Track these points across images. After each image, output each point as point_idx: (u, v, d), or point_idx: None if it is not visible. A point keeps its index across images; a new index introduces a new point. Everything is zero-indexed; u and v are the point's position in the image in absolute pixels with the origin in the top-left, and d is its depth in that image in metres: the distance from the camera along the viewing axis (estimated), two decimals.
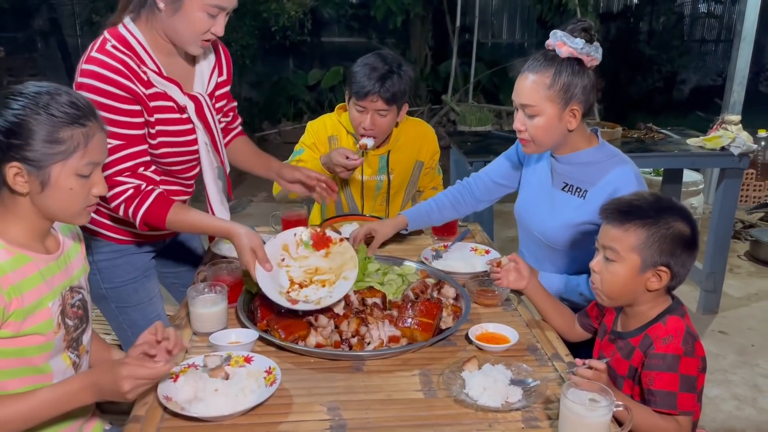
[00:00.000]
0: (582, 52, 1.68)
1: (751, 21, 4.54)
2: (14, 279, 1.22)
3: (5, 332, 1.22)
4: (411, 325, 1.55)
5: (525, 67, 1.75)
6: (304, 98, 8.74)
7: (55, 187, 1.24)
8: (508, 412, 1.30)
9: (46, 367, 1.31)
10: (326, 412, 1.31)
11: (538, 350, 1.56)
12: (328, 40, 9.83)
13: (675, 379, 1.33)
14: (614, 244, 1.40)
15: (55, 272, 1.33)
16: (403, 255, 2.04)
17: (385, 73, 2.18)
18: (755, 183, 5.41)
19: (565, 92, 1.70)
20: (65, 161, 1.23)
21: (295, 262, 1.62)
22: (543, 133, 1.74)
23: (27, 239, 1.29)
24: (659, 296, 1.44)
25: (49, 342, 1.29)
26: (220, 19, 1.66)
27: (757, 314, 3.67)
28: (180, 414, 1.26)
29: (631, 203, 1.43)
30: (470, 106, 7.24)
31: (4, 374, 1.25)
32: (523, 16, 10.25)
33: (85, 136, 1.25)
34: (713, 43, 10.79)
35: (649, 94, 9.66)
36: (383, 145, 2.42)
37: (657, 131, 3.78)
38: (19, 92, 1.23)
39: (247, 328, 1.56)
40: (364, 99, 2.20)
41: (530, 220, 1.94)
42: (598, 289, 1.46)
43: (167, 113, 1.73)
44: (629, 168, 1.76)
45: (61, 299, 1.33)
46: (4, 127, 1.20)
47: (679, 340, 1.36)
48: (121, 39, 1.66)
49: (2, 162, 1.21)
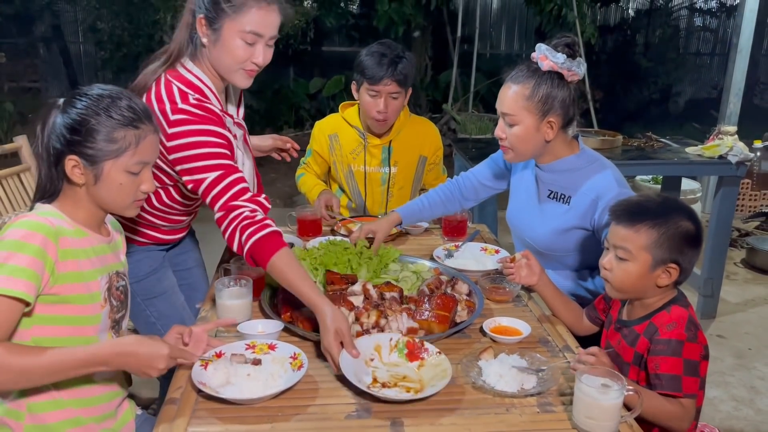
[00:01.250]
0: (563, 66, 1.77)
1: (747, 34, 4.66)
2: (71, 244, 1.34)
3: (53, 297, 1.30)
4: (428, 318, 1.62)
5: (509, 77, 1.85)
6: (305, 106, 8.84)
7: (107, 181, 1.36)
8: (524, 398, 1.38)
9: (95, 340, 1.39)
10: (352, 396, 1.38)
11: (549, 342, 1.64)
12: (328, 49, 9.94)
13: (679, 363, 1.41)
14: (626, 243, 1.48)
15: (107, 252, 1.45)
16: (416, 254, 2.11)
17: (394, 58, 2.34)
18: (751, 193, 5.51)
19: (544, 104, 1.79)
20: (117, 159, 1.35)
21: (384, 365, 1.48)
22: (521, 141, 1.84)
23: (86, 221, 1.42)
24: (667, 289, 1.52)
25: (98, 314, 1.39)
26: (259, 47, 1.69)
27: (753, 319, 3.75)
28: (214, 397, 1.33)
29: (640, 204, 1.51)
30: (470, 115, 7.34)
31: (57, 341, 1.33)
32: (521, 27, 10.40)
33: (137, 137, 1.36)
34: (708, 56, 10.95)
35: (645, 106, 9.79)
36: (384, 136, 2.55)
37: (656, 140, 3.87)
38: (85, 94, 1.36)
39: (272, 320, 1.63)
40: (378, 83, 2.34)
41: (522, 228, 2.03)
42: (609, 285, 1.54)
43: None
44: (609, 172, 1.85)
45: (109, 278, 1.44)
46: (68, 124, 1.33)
47: (682, 327, 1.44)
48: (191, 85, 1.71)
49: (64, 154, 1.34)
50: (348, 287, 1.75)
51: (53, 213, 1.36)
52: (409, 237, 2.38)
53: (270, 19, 1.68)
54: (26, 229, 1.27)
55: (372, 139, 2.55)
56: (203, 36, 1.70)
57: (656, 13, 10.66)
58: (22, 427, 1.35)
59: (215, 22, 1.66)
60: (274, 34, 1.72)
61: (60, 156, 1.35)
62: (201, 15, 1.67)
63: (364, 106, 2.45)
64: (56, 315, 1.33)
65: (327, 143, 2.60)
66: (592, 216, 1.82)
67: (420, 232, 2.40)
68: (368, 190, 2.60)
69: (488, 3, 10.19)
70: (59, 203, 1.40)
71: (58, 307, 1.33)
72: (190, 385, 1.38)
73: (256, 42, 1.69)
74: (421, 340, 1.53)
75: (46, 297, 1.30)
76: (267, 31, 1.69)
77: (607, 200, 1.74)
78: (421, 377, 1.44)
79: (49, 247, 1.28)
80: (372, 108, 2.40)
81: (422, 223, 2.43)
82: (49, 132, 1.35)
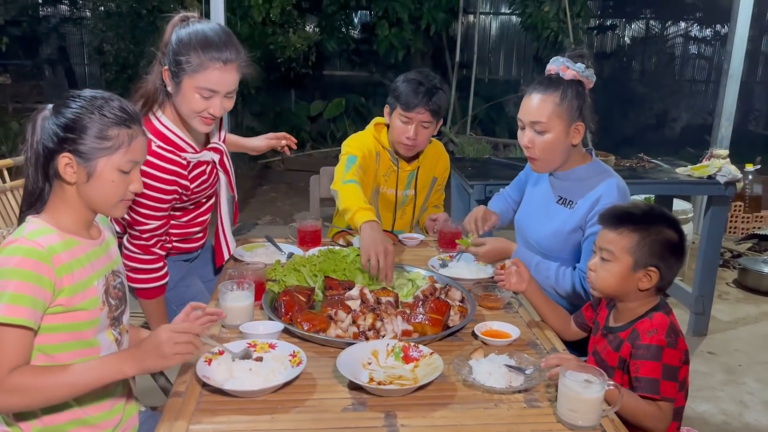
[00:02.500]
0: (583, 75, 1.91)
1: (738, 60, 4.79)
2: (65, 259, 1.38)
3: (58, 308, 1.37)
4: (422, 321, 1.70)
5: (531, 89, 1.96)
6: (306, 128, 8.98)
7: (100, 178, 1.40)
8: (512, 394, 1.45)
9: (95, 341, 1.45)
10: (348, 391, 1.45)
11: (537, 345, 1.71)
12: (329, 73, 10.11)
13: (658, 367, 1.48)
14: (609, 245, 1.57)
15: (99, 255, 1.49)
16: (412, 264, 2.19)
17: (431, 88, 2.41)
18: (743, 215, 5.60)
19: (572, 110, 1.91)
20: (110, 156, 1.40)
21: (380, 368, 1.54)
22: (551, 148, 1.95)
23: (75, 226, 1.45)
24: (649, 295, 1.60)
25: (96, 318, 1.44)
26: (216, 100, 1.86)
27: (744, 337, 3.82)
28: (217, 390, 1.40)
29: (625, 211, 1.61)
30: (468, 138, 7.47)
31: (59, 347, 1.39)
32: (519, 53, 10.59)
33: (129, 136, 1.42)
34: (703, 83, 11.13)
35: (641, 131, 9.93)
36: (413, 162, 2.63)
37: (648, 161, 3.97)
38: (78, 95, 1.41)
39: (273, 321, 1.70)
40: (411, 111, 2.41)
41: (527, 229, 2.14)
42: (593, 285, 1.63)
43: (204, 175, 2.03)
44: (614, 180, 1.97)
45: (105, 280, 1.49)
46: (62, 123, 1.37)
47: (662, 333, 1.51)
48: (159, 135, 1.92)
49: (56, 152, 1.37)
50: (346, 292, 1.83)
51: (42, 230, 1.37)
52: (405, 248, 2.46)
53: (226, 77, 1.84)
54: (19, 256, 1.30)
55: (403, 164, 2.61)
56: (168, 85, 1.88)
57: (651, 41, 10.87)
58: (31, 427, 1.41)
59: (177, 76, 1.85)
60: (232, 89, 1.88)
61: (52, 155, 1.37)
62: (165, 67, 1.86)
63: (394, 130, 2.50)
64: (59, 323, 1.38)
65: (374, 158, 2.55)
66: (588, 215, 1.92)
67: (416, 244, 2.48)
68: (394, 213, 2.67)
69: (486, 29, 10.39)
70: (48, 212, 1.42)
71: (60, 316, 1.38)
72: (194, 379, 1.45)
73: (212, 96, 1.85)
74: (415, 343, 1.60)
75: (50, 309, 1.36)
76: (223, 88, 1.85)
77: (605, 203, 1.85)
78: (415, 375, 1.51)
79: (44, 270, 1.32)
80: (402, 134, 2.46)
81: (418, 235, 2.51)
82: (40, 133, 1.38)
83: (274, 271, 1.98)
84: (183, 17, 1.89)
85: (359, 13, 9.44)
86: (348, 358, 1.52)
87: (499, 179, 3.32)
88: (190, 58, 1.80)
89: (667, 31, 10.86)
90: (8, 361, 1.29)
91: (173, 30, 1.88)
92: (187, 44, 1.81)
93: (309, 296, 1.84)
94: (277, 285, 1.91)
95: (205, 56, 1.80)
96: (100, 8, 7.61)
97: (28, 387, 1.30)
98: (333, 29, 8.26)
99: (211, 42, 1.81)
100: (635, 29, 10.94)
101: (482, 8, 9.91)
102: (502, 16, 10.38)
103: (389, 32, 7.69)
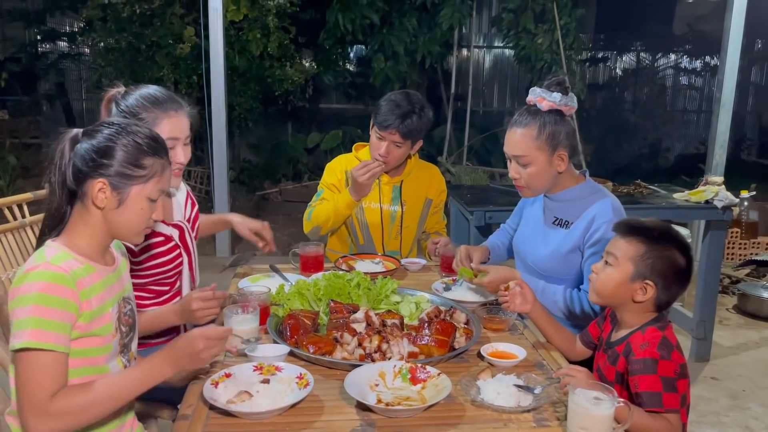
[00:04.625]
0: (560, 104, 1.93)
1: (729, 89, 4.91)
2: (87, 284, 1.38)
3: (74, 333, 1.36)
4: (428, 342, 1.69)
5: (512, 122, 2.00)
6: (303, 160, 9.03)
7: (130, 205, 1.42)
8: (521, 413, 1.44)
9: (106, 368, 1.44)
10: (356, 413, 1.44)
11: (544, 366, 1.70)
12: (326, 106, 10.23)
13: (657, 380, 1.48)
14: (615, 251, 1.59)
15: (113, 282, 1.48)
16: (415, 288, 2.19)
17: (407, 112, 2.47)
18: (740, 241, 5.63)
19: (552, 140, 1.94)
20: (144, 184, 1.42)
21: (388, 390, 1.53)
22: (536, 178, 1.99)
23: (92, 252, 1.44)
24: (644, 310, 1.60)
25: (109, 344, 1.43)
26: (179, 148, 1.88)
27: (746, 362, 3.80)
28: (225, 412, 1.39)
29: (642, 223, 1.63)
30: (465, 168, 7.53)
31: (71, 373, 1.37)
32: (512, 85, 10.74)
33: (162, 166, 1.45)
34: (695, 113, 11.31)
35: (635, 160, 10.03)
36: (396, 176, 2.67)
37: (645, 187, 4.00)
38: (110, 123, 1.43)
39: (278, 344, 1.70)
40: (385, 130, 2.49)
41: (526, 252, 2.15)
42: (591, 287, 1.67)
43: (155, 248, 1.96)
44: (609, 200, 1.99)
45: (117, 307, 1.48)
46: (96, 148, 1.38)
47: (654, 346, 1.51)
48: None
49: (90, 177, 1.38)
50: (351, 315, 1.83)
51: (63, 255, 1.37)
52: (408, 273, 2.46)
53: (181, 123, 1.89)
54: (44, 281, 1.31)
55: (384, 176, 2.67)
56: None
57: (643, 72, 11.06)
58: None
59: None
60: (188, 134, 1.93)
61: (83, 179, 1.38)
62: None
63: (371, 145, 2.60)
64: (74, 348, 1.37)
65: (344, 178, 2.68)
66: (585, 235, 1.93)
67: (418, 269, 2.48)
68: (379, 227, 2.68)
69: (480, 62, 10.56)
70: (67, 236, 1.42)
71: (76, 341, 1.37)
72: (201, 401, 1.44)
73: (175, 146, 1.88)
74: (423, 364, 1.59)
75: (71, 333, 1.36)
76: (181, 134, 1.90)
77: (600, 223, 1.88)
78: (423, 396, 1.50)
79: (69, 294, 1.32)
80: (376, 149, 2.55)
81: (420, 260, 2.52)
82: (72, 156, 1.38)
83: (279, 296, 1.98)
84: (117, 91, 1.87)
85: (355, 47, 9.58)
86: (355, 379, 1.51)
87: (499, 206, 3.33)
88: (143, 117, 1.81)
89: (658, 62, 11.06)
90: (47, 386, 1.29)
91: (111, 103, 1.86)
92: (137, 106, 1.82)
93: (314, 320, 1.83)
94: (281, 309, 1.91)
95: (158, 110, 1.84)
96: (100, 44, 7.69)
97: (74, 408, 1.30)
98: (329, 63, 8.37)
99: (158, 98, 1.86)
100: (626, 61, 11.14)
101: (476, 42, 10.08)
102: (495, 49, 10.56)
103: (385, 65, 7.79)
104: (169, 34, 7.18)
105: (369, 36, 7.90)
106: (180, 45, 7.12)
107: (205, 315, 1.78)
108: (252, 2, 6.91)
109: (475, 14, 8.77)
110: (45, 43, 10.59)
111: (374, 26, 7.67)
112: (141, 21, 7.27)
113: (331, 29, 7.60)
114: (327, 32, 7.72)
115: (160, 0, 7.10)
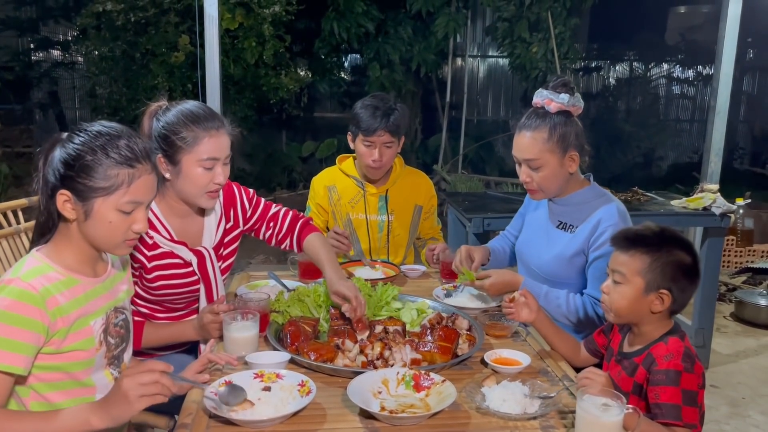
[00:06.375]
0: (568, 104, 1.92)
1: (724, 97, 4.90)
2: (61, 301, 1.33)
3: (48, 349, 1.32)
4: (431, 349, 1.67)
5: (520, 126, 1.97)
6: (297, 168, 9.02)
7: (96, 218, 1.35)
8: (527, 420, 1.41)
9: (89, 382, 1.40)
10: (359, 421, 1.41)
11: (549, 373, 1.68)
12: (320, 114, 10.23)
13: (678, 393, 1.45)
14: (621, 268, 1.56)
15: (100, 293, 1.44)
16: (415, 295, 2.16)
17: (387, 110, 2.48)
18: (736, 249, 5.63)
19: (563, 142, 1.92)
20: (107, 197, 1.34)
21: (391, 397, 1.51)
22: (549, 181, 1.97)
23: (78, 263, 1.40)
24: (662, 319, 1.58)
25: (91, 358, 1.39)
26: (218, 168, 1.85)
27: (745, 370, 3.79)
28: (225, 421, 1.36)
29: (637, 233, 1.59)
30: (460, 176, 7.52)
31: (50, 387, 1.35)
32: (507, 94, 10.78)
33: (131, 176, 1.35)
34: (688, 122, 11.36)
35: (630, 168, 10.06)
36: (381, 185, 2.65)
37: (642, 194, 4.00)
38: (84, 129, 1.36)
39: (279, 351, 1.66)
40: (373, 134, 2.48)
41: (529, 255, 2.12)
42: (607, 308, 1.61)
43: (171, 269, 1.92)
44: (614, 205, 1.97)
45: (105, 318, 1.44)
46: (64, 158, 1.33)
47: (678, 358, 1.49)
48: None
49: (56, 188, 1.33)
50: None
51: (40, 269, 1.33)
52: (408, 279, 2.43)
53: (221, 142, 1.85)
54: (10, 299, 1.26)
55: (369, 187, 2.65)
56: (165, 172, 1.84)
57: (636, 82, 11.11)
58: None
59: (174, 158, 1.82)
60: (228, 153, 1.88)
61: (54, 190, 1.34)
62: (159, 154, 1.81)
63: (360, 156, 2.58)
64: (50, 363, 1.34)
65: (326, 194, 2.70)
66: (590, 239, 1.91)
67: (418, 275, 2.46)
68: (368, 237, 2.66)
69: (475, 71, 10.58)
70: (53, 245, 1.38)
71: (51, 357, 1.33)
72: (201, 410, 1.40)
73: (215, 165, 1.84)
74: (426, 371, 1.57)
75: (43, 349, 1.31)
76: (221, 154, 1.85)
77: (605, 227, 1.85)
78: (427, 404, 1.47)
79: (36, 313, 1.27)
80: (368, 157, 2.53)
81: (420, 267, 2.50)
82: (48, 165, 1.34)
83: (278, 303, 1.95)
84: (158, 106, 1.86)
85: (350, 56, 9.58)
86: (358, 387, 1.48)
87: (497, 212, 3.32)
88: (183, 135, 1.79)
89: (651, 72, 11.11)
90: None
91: (152, 119, 1.85)
92: (177, 123, 1.80)
93: (314, 327, 1.80)
94: (281, 316, 1.88)
95: (198, 129, 1.80)
96: (94, 52, 7.65)
97: None
98: (325, 71, 8.37)
99: (198, 115, 1.82)
100: (620, 70, 11.19)
101: (471, 51, 10.10)
102: (489, 58, 10.59)
103: (380, 73, 7.79)
104: (163, 42, 7.16)
105: (364, 44, 7.91)
106: (175, 53, 7.09)
107: (218, 328, 1.74)
108: (247, 10, 6.89)
109: (470, 23, 8.80)
110: (38, 51, 10.54)
111: (369, 35, 7.68)
112: (135, 29, 7.23)
113: (327, 38, 7.61)
114: (322, 41, 7.72)
115: (155, 8, 7.07)
